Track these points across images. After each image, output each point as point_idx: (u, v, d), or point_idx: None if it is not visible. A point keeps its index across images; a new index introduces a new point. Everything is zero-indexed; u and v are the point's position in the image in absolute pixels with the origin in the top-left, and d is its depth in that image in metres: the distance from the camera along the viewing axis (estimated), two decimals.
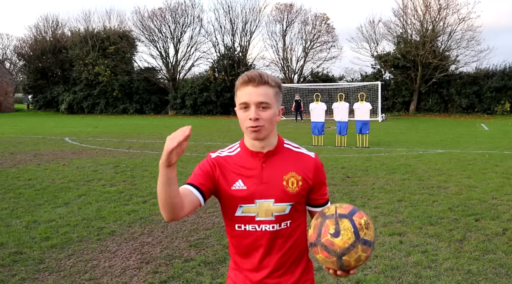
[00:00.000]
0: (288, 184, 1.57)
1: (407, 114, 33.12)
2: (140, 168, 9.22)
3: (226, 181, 1.59)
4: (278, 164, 1.59)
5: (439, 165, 9.49)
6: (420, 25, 33.93)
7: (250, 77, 1.50)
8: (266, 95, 1.51)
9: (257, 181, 1.57)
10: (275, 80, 1.55)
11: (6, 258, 4.14)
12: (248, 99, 1.50)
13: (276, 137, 1.62)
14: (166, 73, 39.48)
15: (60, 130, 19.93)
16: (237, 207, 1.58)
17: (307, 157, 1.65)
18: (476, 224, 5.16)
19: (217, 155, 1.67)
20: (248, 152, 1.61)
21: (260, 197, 1.56)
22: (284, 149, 1.63)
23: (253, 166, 1.59)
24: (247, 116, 1.51)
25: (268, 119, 1.52)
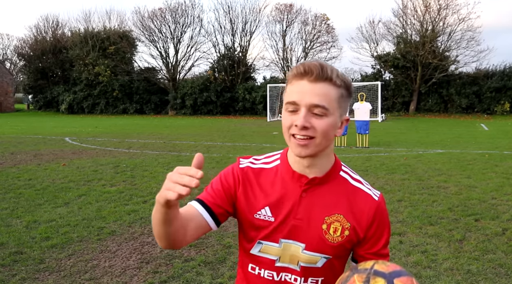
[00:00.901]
0: (329, 230, 1.16)
1: (407, 114, 33.14)
2: (140, 168, 9.22)
3: (249, 203, 1.20)
4: (323, 198, 1.17)
5: (439, 165, 9.49)
6: (420, 25, 33.95)
7: (307, 68, 1.08)
8: (326, 96, 1.08)
9: (290, 214, 1.17)
10: (343, 78, 1.11)
11: (7, 258, 4.14)
12: (299, 98, 1.08)
13: (331, 159, 1.19)
14: (166, 73, 39.51)
15: (60, 130, 19.94)
16: (255, 242, 1.20)
17: (367, 198, 1.19)
18: (475, 224, 5.17)
19: (248, 165, 1.25)
20: (288, 170, 1.19)
21: (288, 237, 1.17)
22: (338, 178, 1.20)
23: (289, 192, 1.18)
24: (293, 120, 1.09)
25: (323, 131, 1.09)
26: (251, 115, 34.70)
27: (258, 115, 33.84)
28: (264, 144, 13.69)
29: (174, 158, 10.63)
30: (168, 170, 8.82)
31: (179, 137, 16.47)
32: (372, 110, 14.55)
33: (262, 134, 17.77)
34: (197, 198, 1.23)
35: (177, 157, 10.90)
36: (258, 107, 34.32)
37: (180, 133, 18.54)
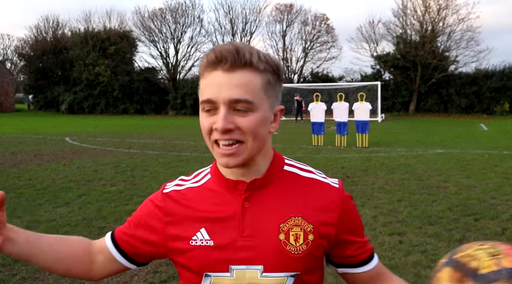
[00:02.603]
0: (289, 240, 0.93)
1: (406, 114, 33.15)
2: (140, 168, 9.23)
3: (181, 232, 0.97)
4: (272, 203, 0.95)
5: (439, 165, 9.50)
6: (420, 25, 33.99)
7: (219, 55, 0.86)
8: (248, 86, 0.87)
9: (234, 232, 0.93)
10: (267, 59, 0.90)
11: (7, 258, 4.14)
12: (215, 93, 0.87)
13: (269, 157, 0.98)
14: (167, 73, 39.53)
15: (61, 130, 19.95)
16: (202, 276, 0.95)
17: (326, 187, 0.98)
18: (475, 224, 5.18)
19: (173, 188, 1.03)
20: (221, 181, 0.97)
21: (239, 262, 0.93)
22: (284, 174, 0.99)
23: (228, 205, 0.95)
24: (212, 123, 0.89)
25: (252, 130, 0.88)
26: None
27: None
28: None
29: (174, 158, 10.64)
30: (169, 170, 8.87)
31: (179, 137, 16.48)
32: (372, 110, 14.55)
33: None
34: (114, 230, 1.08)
35: (177, 157, 10.91)
36: None
37: (180, 133, 18.55)
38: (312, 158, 10.77)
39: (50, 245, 1.01)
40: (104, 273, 1.06)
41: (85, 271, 1.04)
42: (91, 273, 1.05)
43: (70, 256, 1.02)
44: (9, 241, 0.95)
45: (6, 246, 0.94)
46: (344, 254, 1.00)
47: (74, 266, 1.03)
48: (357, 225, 1.01)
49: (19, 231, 0.98)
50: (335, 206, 0.96)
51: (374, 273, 1.03)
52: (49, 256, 1.00)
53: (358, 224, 1.02)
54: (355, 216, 1.01)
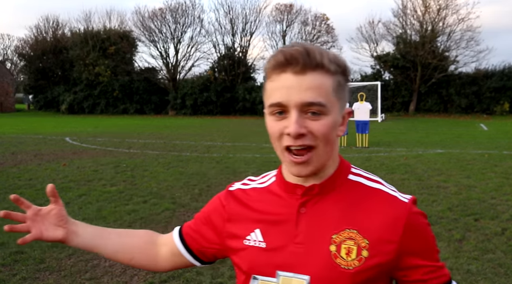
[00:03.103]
0: (340, 252, 0.86)
1: (406, 114, 33.17)
2: (140, 168, 9.23)
3: (238, 230, 0.97)
4: (329, 211, 0.90)
5: (439, 165, 9.50)
6: (420, 25, 34.01)
7: (289, 56, 0.83)
8: (320, 89, 0.84)
9: (287, 237, 0.90)
10: (336, 60, 0.87)
11: (7, 258, 4.15)
12: (285, 97, 0.83)
13: (335, 162, 0.94)
14: (167, 73, 39.55)
15: (61, 130, 19.96)
16: (250, 278, 0.93)
17: (393, 202, 0.89)
18: (475, 224, 5.18)
19: (239, 187, 1.04)
20: (282, 184, 0.96)
21: (287, 268, 0.89)
22: (347, 183, 0.93)
23: (284, 209, 0.93)
24: (283, 128, 0.85)
25: (324, 135, 0.85)
26: (251, 115, 34.71)
27: (258, 115, 33.84)
28: (264, 144, 13.69)
29: (174, 158, 10.64)
30: (169, 170, 8.87)
31: (179, 137, 16.48)
32: (372, 110, 14.55)
33: (262, 134, 17.77)
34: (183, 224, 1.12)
35: (177, 157, 10.91)
36: (258, 107, 34.33)
37: (180, 133, 18.55)
38: None
39: (114, 238, 1.09)
40: (169, 266, 1.10)
41: (150, 261, 1.10)
42: (157, 265, 1.10)
43: (133, 247, 1.09)
44: (73, 233, 1.04)
45: (71, 238, 1.04)
46: (411, 278, 0.89)
47: (136, 256, 1.09)
48: (426, 246, 0.89)
49: (83, 225, 1.08)
50: (399, 222, 0.86)
51: None
52: (113, 247, 1.08)
53: (429, 246, 0.90)
54: (424, 236, 0.89)
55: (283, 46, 0.87)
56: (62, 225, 1.03)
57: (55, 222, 1.02)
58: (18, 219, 1.01)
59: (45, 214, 1.02)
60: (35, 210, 1.02)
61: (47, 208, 1.03)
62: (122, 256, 1.09)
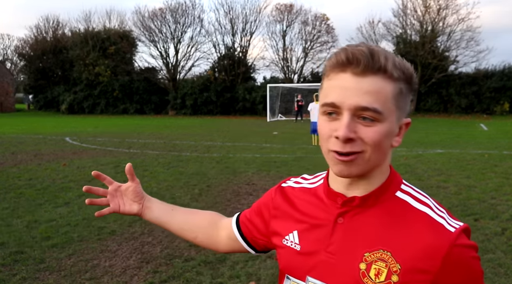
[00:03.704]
0: (369, 272, 0.82)
1: None
2: (140, 168, 9.23)
3: (280, 228, 0.98)
4: (366, 226, 0.86)
5: (439, 165, 9.51)
6: (420, 25, 34.01)
7: (351, 56, 0.79)
8: (379, 94, 0.79)
9: (321, 244, 0.89)
10: (402, 66, 0.82)
11: (7, 258, 4.15)
12: (340, 98, 0.80)
13: (384, 175, 0.89)
14: (167, 73, 39.55)
15: (61, 130, 19.96)
16: (284, 276, 0.96)
17: (436, 229, 0.81)
18: (475, 224, 5.18)
19: (291, 184, 1.03)
20: (326, 190, 0.93)
21: (316, 276, 0.88)
22: (393, 200, 0.88)
23: (323, 216, 0.91)
24: (332, 130, 0.81)
25: (375, 142, 0.80)
26: (251, 115, 34.71)
27: (258, 115, 33.84)
28: (264, 144, 13.70)
29: (174, 158, 10.64)
30: (169, 170, 8.87)
31: (179, 137, 16.49)
32: None
33: (262, 134, 17.77)
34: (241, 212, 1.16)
35: (177, 157, 10.92)
36: (258, 107, 34.33)
37: (180, 133, 18.56)
38: (312, 158, 10.77)
39: (181, 215, 1.19)
40: (227, 248, 1.16)
41: (212, 242, 1.17)
42: (217, 245, 1.16)
43: (197, 226, 1.17)
44: (148, 208, 1.16)
45: (145, 212, 1.15)
46: None
47: (200, 235, 1.17)
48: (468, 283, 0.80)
49: (156, 201, 1.18)
50: (438, 253, 0.78)
51: None
52: (179, 224, 1.17)
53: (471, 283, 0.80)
54: (468, 272, 0.80)
55: (347, 45, 0.82)
56: (138, 201, 1.14)
57: (132, 197, 1.14)
58: (100, 193, 1.16)
59: (123, 190, 1.15)
60: (116, 186, 1.15)
61: (125, 185, 1.15)
62: (187, 233, 1.17)
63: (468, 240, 0.81)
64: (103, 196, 1.16)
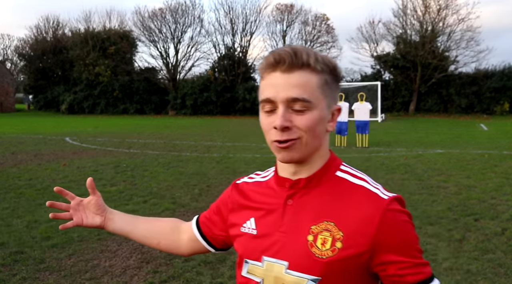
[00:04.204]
0: (316, 242, 0.92)
1: (406, 114, 33.16)
2: (140, 168, 9.23)
3: (237, 219, 1.07)
4: (311, 204, 0.95)
5: (439, 165, 9.50)
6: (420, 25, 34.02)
7: (277, 57, 0.90)
8: (305, 86, 0.90)
9: (274, 226, 0.98)
10: (324, 61, 0.92)
11: (7, 258, 4.15)
12: (273, 93, 0.90)
13: (325, 158, 0.98)
14: (167, 73, 39.56)
15: (61, 130, 19.96)
16: (243, 261, 1.03)
17: (372, 197, 0.93)
18: (475, 224, 5.18)
19: (244, 180, 1.13)
20: (275, 178, 1.03)
21: (271, 254, 0.96)
22: (334, 179, 0.97)
23: (275, 201, 1.00)
24: (271, 122, 0.92)
25: (308, 128, 0.90)
26: (251, 115, 34.72)
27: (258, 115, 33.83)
28: (264, 144, 13.69)
29: (174, 158, 10.64)
30: (169, 170, 8.87)
31: (179, 137, 16.49)
32: (372, 110, 14.56)
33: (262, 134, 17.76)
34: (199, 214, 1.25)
35: (177, 157, 10.92)
36: (258, 107, 34.30)
37: (180, 133, 18.56)
38: None
39: (143, 224, 1.23)
40: (189, 250, 1.23)
41: (174, 246, 1.23)
42: (179, 248, 1.23)
43: (159, 232, 1.23)
44: (110, 220, 1.20)
45: (108, 224, 1.19)
46: (387, 273, 0.91)
47: (162, 241, 1.22)
48: (403, 242, 0.90)
49: (118, 213, 1.22)
50: (374, 218, 0.89)
51: None
52: (142, 233, 1.22)
53: (405, 242, 0.91)
54: (401, 232, 0.90)
55: (275, 49, 0.94)
56: (100, 213, 1.18)
57: (94, 210, 1.18)
58: (62, 208, 1.20)
59: (86, 204, 1.19)
60: (78, 201, 1.20)
61: (87, 199, 1.19)
62: (150, 240, 1.22)
63: (400, 207, 0.93)
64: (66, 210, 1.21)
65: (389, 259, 0.90)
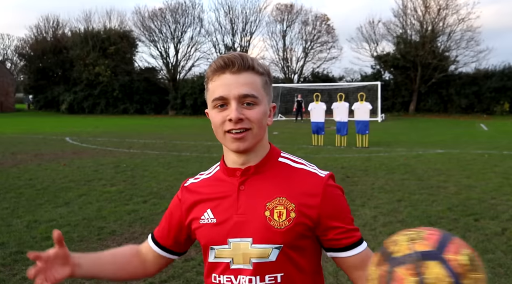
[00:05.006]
0: (273, 216, 1.07)
1: (406, 114, 33.16)
2: (140, 168, 9.23)
3: (194, 214, 1.17)
4: (262, 186, 1.11)
5: (439, 165, 9.50)
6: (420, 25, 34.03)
7: (227, 61, 1.05)
8: (252, 85, 1.06)
9: (231, 211, 1.11)
10: (263, 65, 1.11)
11: (7, 258, 4.15)
12: (226, 91, 1.05)
13: (266, 147, 1.15)
14: (167, 73, 39.55)
15: (61, 130, 19.96)
16: (209, 249, 1.14)
17: (312, 176, 1.12)
18: (475, 224, 5.18)
19: (191, 181, 1.24)
20: (224, 170, 1.16)
21: (235, 235, 1.09)
22: (277, 164, 1.15)
23: (227, 189, 1.13)
24: (225, 116, 1.06)
25: (257, 120, 1.06)
26: None
27: None
28: None
29: (174, 158, 10.64)
30: (169, 170, 8.87)
31: (179, 137, 16.49)
32: (372, 110, 14.56)
33: None
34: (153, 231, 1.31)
35: (177, 157, 10.92)
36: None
37: (180, 133, 18.56)
38: (312, 158, 10.76)
39: (108, 261, 1.24)
40: (155, 267, 1.29)
41: (141, 270, 1.28)
42: (147, 271, 1.29)
43: (125, 264, 1.26)
44: (77, 266, 1.16)
45: (76, 270, 1.16)
46: (327, 237, 1.11)
47: (131, 271, 1.26)
48: (340, 212, 1.11)
49: (80, 257, 1.19)
50: (317, 191, 1.09)
51: (359, 259, 1.11)
52: (110, 270, 1.23)
53: (342, 211, 1.11)
54: (338, 203, 1.11)
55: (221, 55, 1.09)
56: (67, 263, 1.15)
57: (61, 262, 1.14)
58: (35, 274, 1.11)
59: (53, 258, 1.13)
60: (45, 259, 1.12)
61: (53, 253, 1.13)
62: (120, 275, 1.25)
63: (334, 182, 1.14)
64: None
65: (330, 225, 1.09)
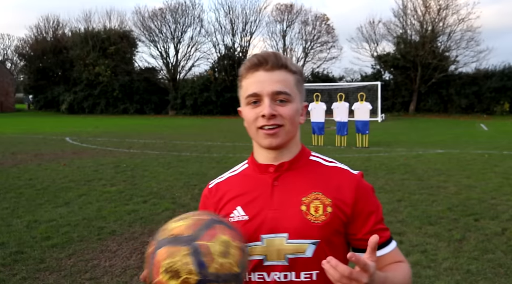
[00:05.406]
0: (310, 210, 1.06)
1: (406, 114, 33.16)
2: (140, 168, 9.23)
3: (224, 212, 1.14)
4: (297, 182, 1.10)
5: (439, 165, 9.50)
6: (420, 25, 34.03)
7: (261, 58, 1.07)
8: (286, 82, 1.08)
9: (265, 207, 1.09)
10: (295, 64, 1.13)
11: (7, 258, 4.15)
12: (260, 88, 1.06)
13: (299, 145, 1.16)
14: (167, 73, 39.57)
15: (61, 130, 19.96)
16: None
17: (345, 173, 1.13)
18: (475, 224, 5.17)
19: (216, 181, 1.23)
20: (255, 167, 1.15)
21: (269, 231, 1.07)
22: (309, 162, 1.16)
23: (260, 185, 1.12)
24: (258, 112, 1.06)
25: (290, 117, 1.07)
26: None
27: None
28: None
29: (174, 158, 10.64)
30: (169, 170, 8.86)
31: (179, 137, 16.49)
32: (372, 110, 14.57)
33: None
34: None
35: (177, 157, 10.91)
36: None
37: (180, 133, 18.56)
38: None
39: None
40: None
41: None
42: None
43: None
44: None
45: None
46: (357, 236, 1.10)
47: None
48: (372, 210, 1.11)
49: None
50: (351, 188, 1.10)
51: (388, 260, 1.11)
52: None
53: (375, 210, 1.11)
54: (371, 201, 1.12)
55: (255, 53, 1.11)
56: None
57: None
58: None
59: None
60: None
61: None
62: None
63: (366, 181, 1.15)
64: None
65: (362, 221, 1.09)
